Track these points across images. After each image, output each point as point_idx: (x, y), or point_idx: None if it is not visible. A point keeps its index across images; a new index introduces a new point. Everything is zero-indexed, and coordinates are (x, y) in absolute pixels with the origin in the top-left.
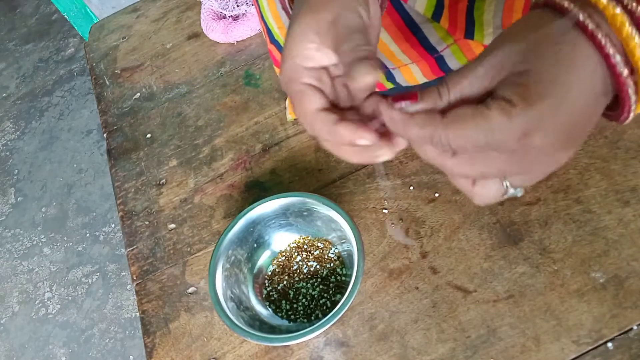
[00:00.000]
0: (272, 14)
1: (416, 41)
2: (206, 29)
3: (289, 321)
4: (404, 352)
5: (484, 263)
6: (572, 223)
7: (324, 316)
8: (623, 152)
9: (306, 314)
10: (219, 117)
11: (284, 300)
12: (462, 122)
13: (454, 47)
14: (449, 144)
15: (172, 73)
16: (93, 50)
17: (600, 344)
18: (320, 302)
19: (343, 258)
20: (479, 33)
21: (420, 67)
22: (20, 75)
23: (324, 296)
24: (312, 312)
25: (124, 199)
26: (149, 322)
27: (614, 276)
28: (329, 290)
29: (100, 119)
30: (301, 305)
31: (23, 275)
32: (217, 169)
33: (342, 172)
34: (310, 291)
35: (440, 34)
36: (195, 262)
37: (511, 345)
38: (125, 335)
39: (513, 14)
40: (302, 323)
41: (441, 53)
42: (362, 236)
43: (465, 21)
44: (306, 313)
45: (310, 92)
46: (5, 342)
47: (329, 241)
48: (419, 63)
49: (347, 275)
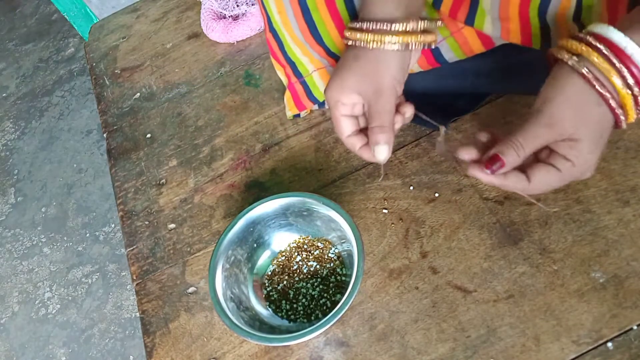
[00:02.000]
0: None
1: None
2: (206, 29)
3: (288, 321)
4: (404, 352)
5: (484, 263)
6: (572, 223)
7: (324, 316)
8: (623, 152)
9: (306, 314)
10: (219, 117)
11: (284, 300)
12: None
13: (450, 40)
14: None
15: (172, 73)
16: (93, 50)
17: (600, 344)
18: (320, 302)
19: (343, 258)
20: (479, 19)
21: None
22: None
23: (323, 296)
24: (312, 312)
25: (124, 199)
26: (149, 322)
27: (614, 276)
28: (329, 290)
29: (100, 119)
30: (301, 305)
31: (23, 275)
32: (217, 169)
33: (342, 172)
34: (310, 291)
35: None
36: (195, 262)
37: (511, 345)
38: (125, 335)
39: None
40: (302, 323)
41: (437, 45)
42: (362, 236)
43: (470, 6)
44: (306, 313)
45: (345, 122)
46: (5, 342)
47: (329, 241)
48: None
49: (347, 275)
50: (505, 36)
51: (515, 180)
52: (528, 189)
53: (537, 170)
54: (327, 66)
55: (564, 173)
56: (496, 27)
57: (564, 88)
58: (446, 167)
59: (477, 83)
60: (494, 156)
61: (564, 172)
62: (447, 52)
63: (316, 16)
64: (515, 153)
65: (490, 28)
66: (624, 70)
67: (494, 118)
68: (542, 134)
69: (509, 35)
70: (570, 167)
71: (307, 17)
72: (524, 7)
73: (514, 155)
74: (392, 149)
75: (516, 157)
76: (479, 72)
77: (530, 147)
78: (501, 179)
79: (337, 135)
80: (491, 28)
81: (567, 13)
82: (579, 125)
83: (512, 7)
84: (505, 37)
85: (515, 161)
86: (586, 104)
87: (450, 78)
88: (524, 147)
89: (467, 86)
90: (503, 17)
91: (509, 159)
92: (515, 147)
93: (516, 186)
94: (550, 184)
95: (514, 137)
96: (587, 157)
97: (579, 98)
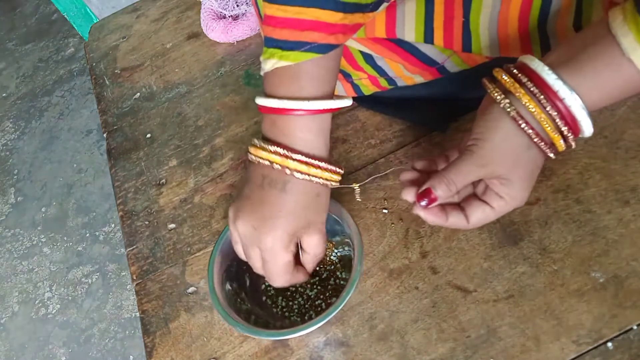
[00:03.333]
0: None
1: (415, 60)
2: (206, 28)
3: (282, 318)
4: (404, 352)
5: (484, 263)
6: (572, 223)
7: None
8: (623, 152)
9: (300, 313)
10: (219, 117)
11: (281, 297)
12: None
13: (454, 57)
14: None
15: (172, 73)
16: (93, 50)
17: (600, 343)
18: (316, 303)
19: (344, 262)
20: (475, 45)
21: (423, 76)
22: (20, 75)
23: (320, 297)
24: (306, 312)
25: (124, 199)
26: (149, 322)
27: (614, 276)
28: (326, 292)
29: (100, 118)
30: (297, 304)
31: (23, 275)
32: (217, 168)
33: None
34: (308, 291)
35: (438, 48)
36: (195, 262)
37: (511, 345)
38: (125, 335)
39: (508, 24)
40: (295, 321)
41: (442, 64)
42: (362, 236)
43: (462, 36)
44: (300, 312)
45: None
46: (5, 342)
47: (332, 243)
48: (422, 74)
49: (346, 280)
50: (504, 53)
51: (456, 221)
52: (468, 227)
53: (474, 209)
54: None
55: (497, 210)
56: (494, 49)
57: (496, 130)
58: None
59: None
60: (426, 190)
61: (497, 209)
62: (452, 67)
63: None
64: (447, 188)
65: (488, 51)
66: (554, 113)
67: None
68: (473, 171)
69: (508, 51)
70: (504, 204)
71: None
72: (522, 21)
73: (445, 190)
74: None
75: (447, 192)
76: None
77: (461, 182)
78: (443, 220)
79: (337, 135)
80: (489, 51)
81: (567, 22)
82: (509, 168)
83: (511, 23)
84: (504, 53)
85: (447, 195)
86: (516, 148)
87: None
88: (455, 183)
89: (467, 87)
90: (502, 35)
91: (440, 193)
92: (447, 183)
93: (458, 225)
94: (486, 219)
95: (446, 172)
96: (518, 194)
97: (509, 142)
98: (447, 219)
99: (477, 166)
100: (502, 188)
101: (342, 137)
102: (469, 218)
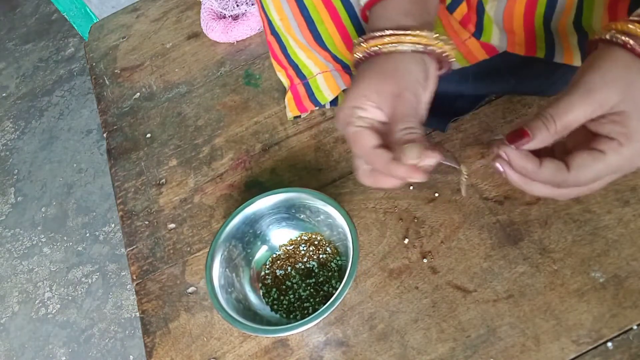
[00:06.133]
0: (275, 6)
1: None
2: (206, 28)
3: (271, 310)
4: (404, 351)
5: (483, 263)
6: (572, 223)
7: (302, 318)
8: None
9: (287, 311)
10: (219, 117)
11: (275, 288)
12: (586, 169)
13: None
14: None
15: (172, 73)
16: (93, 50)
17: (600, 343)
18: (304, 305)
19: (342, 273)
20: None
21: None
22: (20, 75)
23: (309, 300)
24: (293, 311)
25: (123, 199)
26: (149, 321)
27: (613, 276)
28: (317, 297)
29: (100, 118)
30: (286, 301)
31: (23, 275)
32: (217, 168)
33: (342, 172)
34: (300, 291)
35: None
36: (195, 262)
37: (511, 345)
38: (125, 335)
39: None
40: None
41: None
42: (362, 236)
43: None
44: (288, 310)
45: (367, 132)
46: (5, 342)
47: (337, 250)
48: None
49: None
50: (510, 48)
51: (554, 170)
52: (568, 181)
53: (577, 155)
54: (332, 70)
55: (609, 156)
56: (503, 39)
57: (603, 57)
58: (446, 167)
59: (477, 84)
60: (520, 130)
61: (609, 155)
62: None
63: (321, 28)
64: (545, 126)
65: (498, 40)
66: None
67: (494, 118)
68: (577, 103)
69: (514, 47)
70: (617, 147)
71: (311, 28)
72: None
73: (542, 129)
74: None
75: (546, 132)
76: (479, 74)
77: (562, 120)
78: (535, 167)
79: (337, 135)
80: (498, 40)
81: (568, 19)
82: (622, 94)
83: (517, 19)
84: (510, 49)
85: (544, 137)
86: (631, 71)
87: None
88: (554, 119)
89: (467, 87)
90: (508, 30)
91: (535, 132)
92: (545, 120)
93: (554, 178)
94: (594, 173)
95: (544, 110)
96: (635, 133)
97: (623, 65)
98: (539, 167)
99: (583, 94)
100: (615, 127)
101: (342, 136)
102: (569, 165)
